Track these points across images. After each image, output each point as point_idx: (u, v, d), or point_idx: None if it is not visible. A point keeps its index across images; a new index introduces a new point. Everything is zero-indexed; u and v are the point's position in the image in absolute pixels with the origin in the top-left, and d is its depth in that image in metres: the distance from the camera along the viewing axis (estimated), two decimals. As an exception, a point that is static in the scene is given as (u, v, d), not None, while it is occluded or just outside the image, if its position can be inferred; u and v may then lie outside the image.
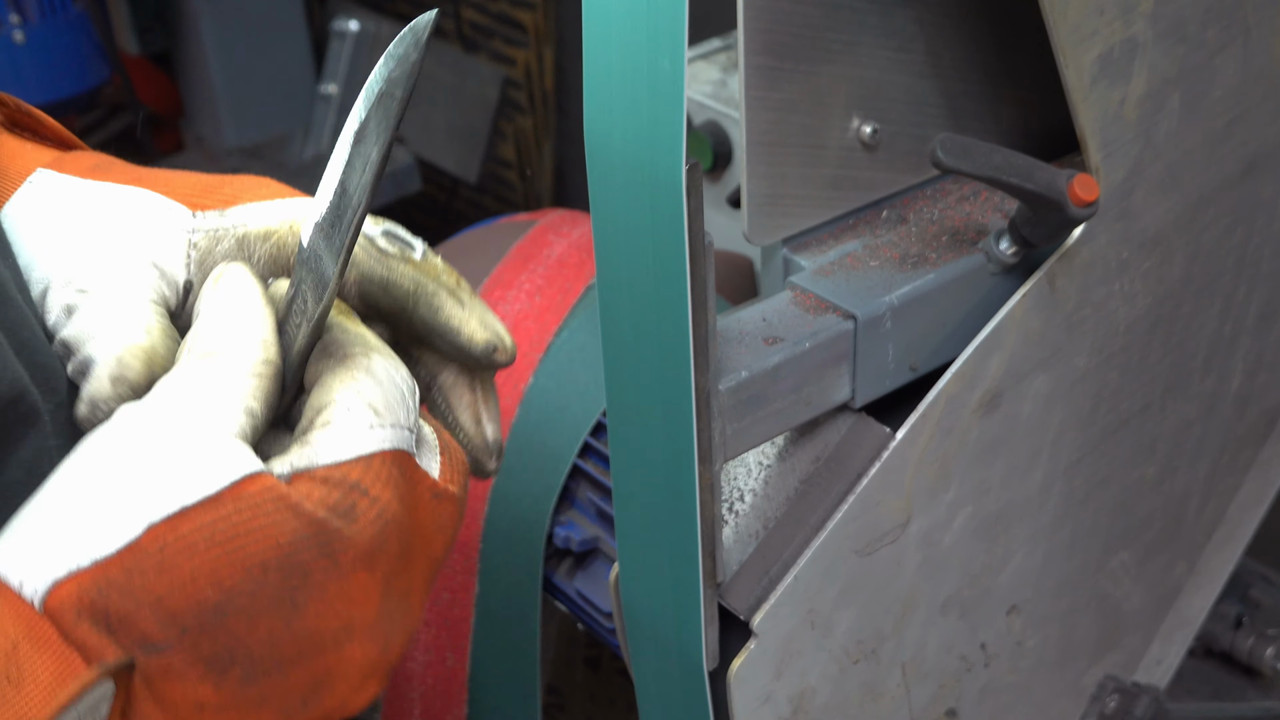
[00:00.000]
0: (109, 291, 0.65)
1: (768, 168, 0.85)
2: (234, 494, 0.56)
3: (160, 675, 0.56)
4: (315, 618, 0.58)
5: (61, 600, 0.55)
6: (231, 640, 0.57)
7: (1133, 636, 1.16)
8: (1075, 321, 0.91)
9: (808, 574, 0.83)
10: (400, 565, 0.61)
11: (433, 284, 0.68)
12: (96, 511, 0.56)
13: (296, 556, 0.57)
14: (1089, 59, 0.83)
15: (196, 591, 0.55)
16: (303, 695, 0.60)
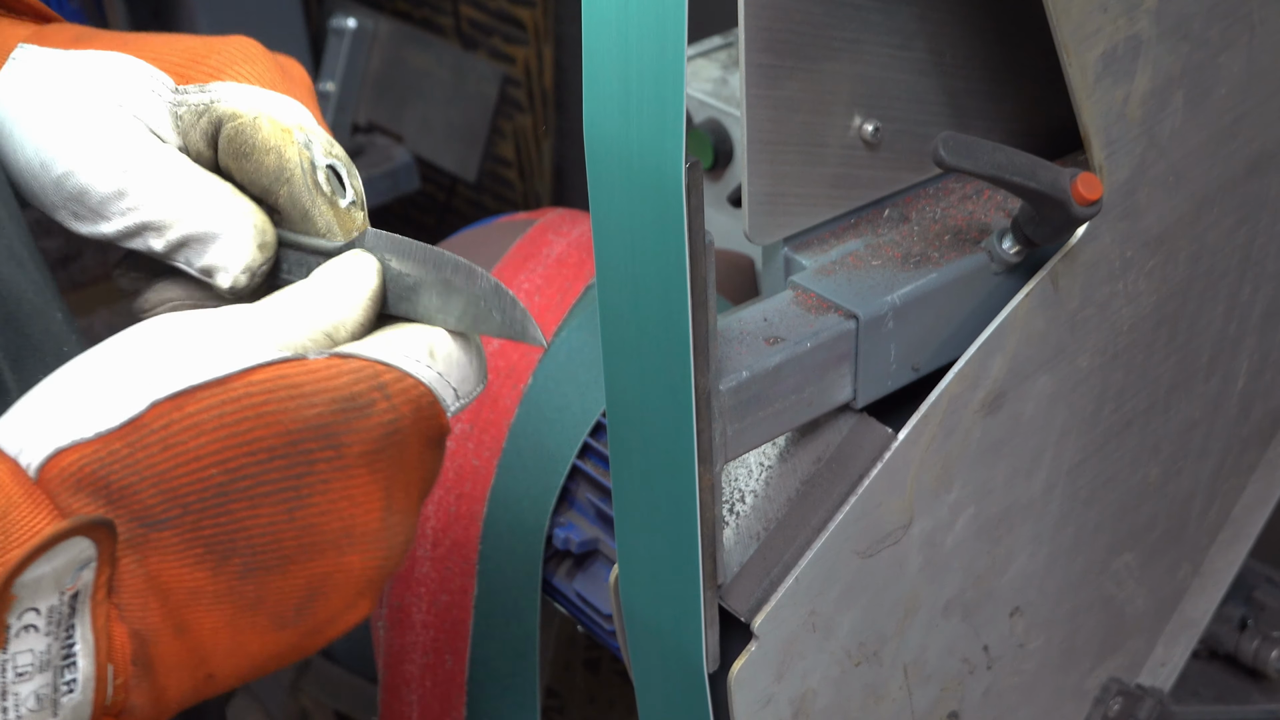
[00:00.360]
0: (157, 169, 0.69)
1: (769, 166, 0.85)
2: (244, 379, 0.58)
3: (155, 552, 0.57)
4: (318, 512, 0.60)
5: (61, 469, 0.56)
6: (233, 525, 0.58)
7: (1136, 639, 1.16)
8: (1078, 321, 0.91)
9: (809, 575, 0.83)
10: (401, 479, 0.62)
11: (341, 237, 0.70)
12: (102, 388, 0.57)
13: (303, 444, 0.58)
14: (1092, 56, 0.82)
15: (201, 470, 0.57)
16: (297, 601, 0.61)
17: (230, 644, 0.61)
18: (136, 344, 0.59)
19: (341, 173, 0.72)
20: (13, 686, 0.55)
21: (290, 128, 0.71)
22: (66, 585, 0.55)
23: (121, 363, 0.58)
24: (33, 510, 0.55)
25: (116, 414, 0.57)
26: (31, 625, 0.55)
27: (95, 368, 0.59)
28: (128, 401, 0.57)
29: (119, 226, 0.70)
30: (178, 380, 0.57)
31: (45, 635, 0.55)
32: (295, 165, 0.70)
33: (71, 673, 0.56)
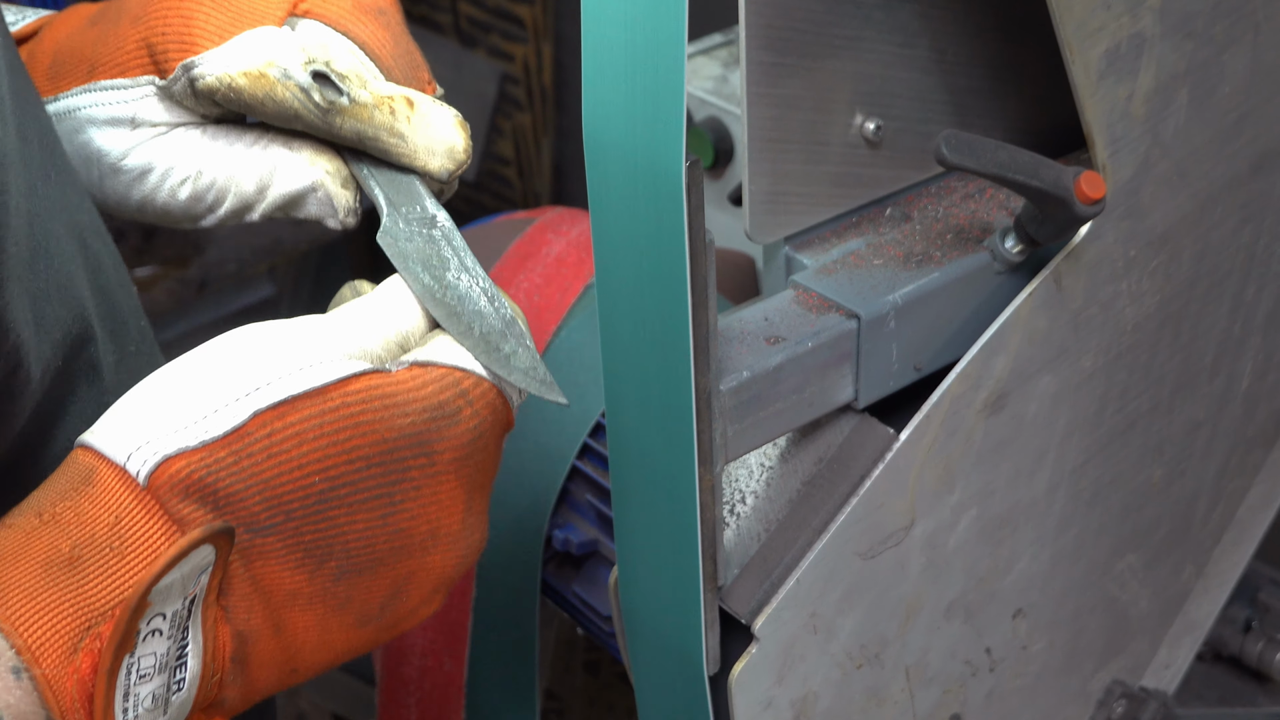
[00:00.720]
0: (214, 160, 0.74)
1: (770, 165, 0.85)
2: (340, 389, 0.60)
3: (260, 557, 0.59)
4: (408, 517, 0.63)
5: (170, 477, 0.58)
6: (332, 531, 0.60)
7: (1140, 641, 1.16)
8: (1082, 321, 0.91)
9: (810, 577, 0.83)
10: (479, 480, 0.66)
11: (370, 129, 0.73)
12: (203, 396, 0.59)
13: (398, 453, 0.61)
14: (1096, 54, 0.82)
15: (304, 478, 0.59)
16: (382, 600, 0.64)
17: (318, 641, 0.63)
18: (228, 352, 0.61)
19: (328, 72, 0.73)
20: (134, 688, 0.56)
21: (262, 70, 0.72)
22: (189, 590, 0.57)
23: (216, 371, 0.60)
24: (146, 518, 0.57)
25: (220, 422, 0.58)
26: (157, 630, 0.57)
27: (190, 375, 0.61)
28: (230, 410, 0.59)
29: (216, 219, 0.75)
30: (278, 390, 0.59)
31: (167, 638, 0.57)
32: (291, 101, 0.72)
33: (181, 672, 0.59)
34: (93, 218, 0.72)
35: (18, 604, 0.55)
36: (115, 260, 0.73)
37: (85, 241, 0.70)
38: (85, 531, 0.57)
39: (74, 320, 0.66)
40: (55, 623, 0.55)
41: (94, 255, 0.70)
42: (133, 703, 0.57)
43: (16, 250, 0.60)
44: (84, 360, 0.67)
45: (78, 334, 0.66)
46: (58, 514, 0.57)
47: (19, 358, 0.61)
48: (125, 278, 0.74)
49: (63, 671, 0.55)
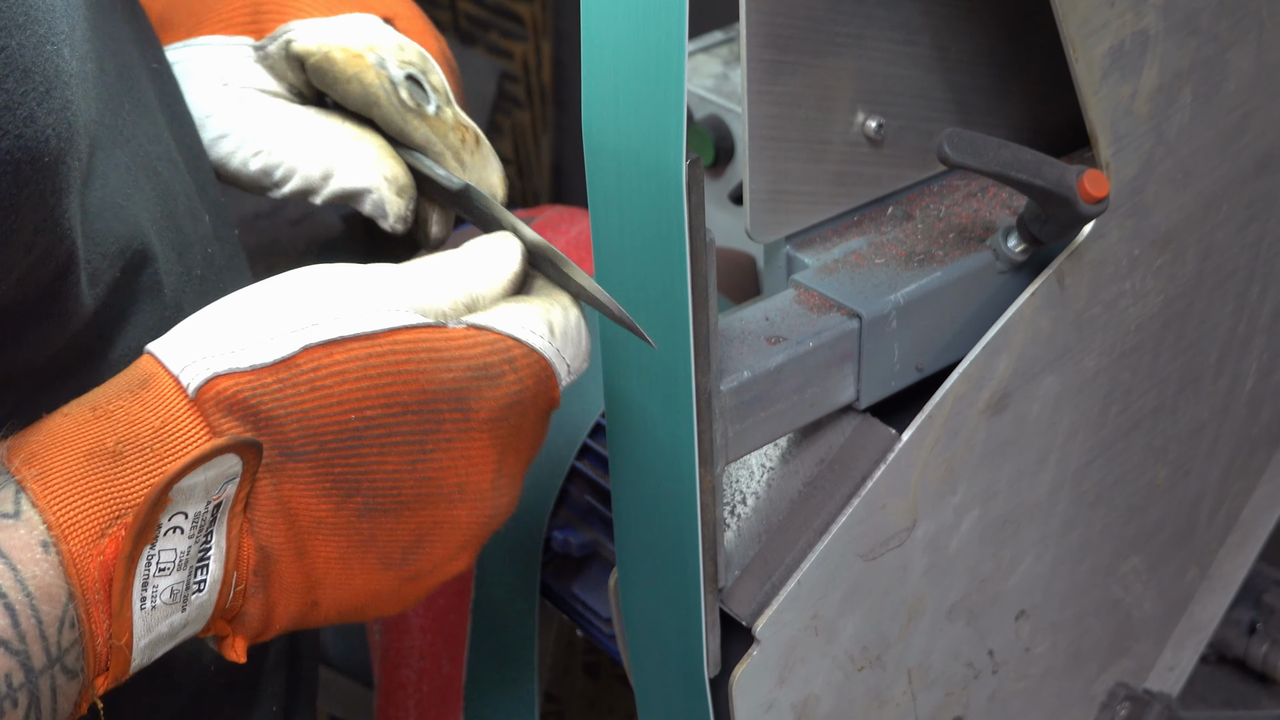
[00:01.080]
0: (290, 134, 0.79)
1: (770, 163, 0.85)
2: (390, 337, 0.64)
3: (289, 480, 0.63)
4: (437, 467, 0.66)
5: (217, 393, 0.62)
6: (361, 467, 0.64)
7: (1144, 643, 1.16)
8: (1085, 320, 0.91)
9: (811, 579, 0.83)
10: (514, 445, 0.69)
11: (439, 145, 0.79)
12: (261, 324, 0.63)
13: (435, 404, 0.65)
14: (1099, 52, 0.82)
15: (340, 414, 0.63)
16: (405, 545, 0.67)
17: (339, 575, 0.66)
18: (296, 287, 0.66)
19: (420, 79, 0.80)
20: (154, 579, 0.60)
21: (361, 52, 0.78)
22: (213, 495, 0.61)
23: (280, 303, 0.64)
24: (188, 426, 0.61)
25: (272, 351, 0.62)
26: (178, 527, 0.61)
27: (256, 304, 0.65)
28: (283, 341, 0.63)
29: (281, 194, 0.80)
30: (330, 329, 0.63)
31: (188, 538, 0.61)
32: (377, 88, 0.78)
33: (203, 574, 0.62)
34: (171, 149, 0.76)
35: (57, 485, 0.59)
36: (191, 191, 0.77)
37: (156, 170, 0.73)
38: (131, 430, 0.61)
39: (130, 238, 0.69)
40: (88, 507, 0.59)
41: (165, 184, 0.74)
42: (151, 592, 0.61)
43: (78, 166, 0.63)
44: (145, 278, 0.70)
45: (135, 251, 0.69)
46: (111, 410, 0.61)
47: (70, 263, 0.64)
48: (198, 207, 0.77)
49: (88, 552, 0.58)
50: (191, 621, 0.63)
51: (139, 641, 0.61)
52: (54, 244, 0.62)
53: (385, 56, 0.79)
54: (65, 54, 0.62)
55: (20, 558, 0.58)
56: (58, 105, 0.60)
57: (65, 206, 0.62)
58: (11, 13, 0.58)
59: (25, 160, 0.58)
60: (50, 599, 0.58)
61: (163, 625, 0.62)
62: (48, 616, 0.58)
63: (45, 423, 0.61)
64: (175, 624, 0.62)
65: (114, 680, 0.61)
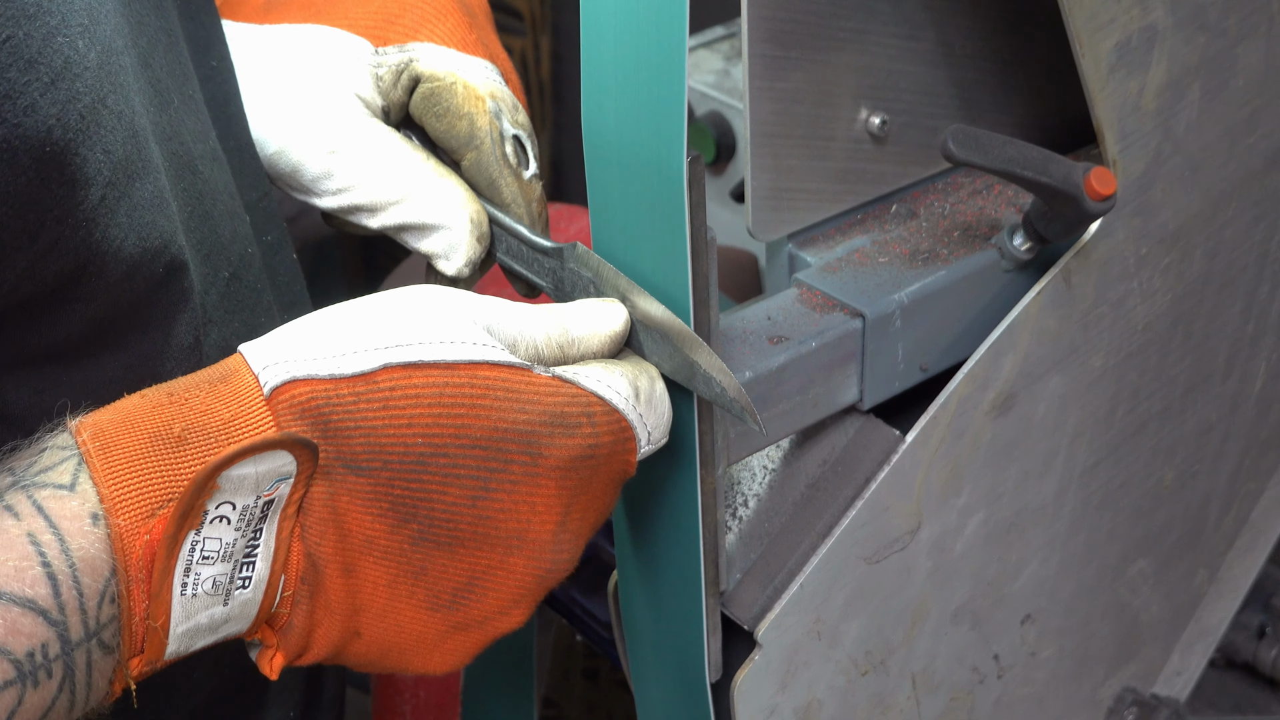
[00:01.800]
0: (365, 151, 0.79)
1: (772, 160, 0.85)
2: (471, 369, 0.65)
3: (347, 494, 0.64)
4: (498, 508, 0.66)
5: (291, 396, 0.63)
6: (421, 493, 0.65)
7: (1151, 647, 1.16)
8: (1092, 320, 0.91)
9: (814, 582, 0.83)
10: (581, 501, 0.69)
11: (521, 207, 0.81)
12: (348, 337, 0.65)
13: (504, 444, 0.65)
14: (1106, 47, 0.83)
15: (409, 436, 0.64)
16: (455, 586, 0.67)
17: (385, 604, 0.67)
18: (391, 307, 0.66)
19: (526, 143, 0.81)
20: (196, 566, 0.61)
21: (484, 95, 0.80)
22: (264, 491, 0.62)
23: (371, 320, 0.66)
24: (260, 422, 0.63)
25: (353, 364, 0.64)
26: (225, 517, 0.61)
27: (347, 317, 0.66)
28: (366, 356, 0.64)
29: (331, 204, 0.81)
30: (415, 352, 0.64)
31: (234, 529, 0.62)
32: (485, 135, 0.80)
33: (248, 570, 0.63)
34: (210, 147, 0.76)
35: (117, 462, 0.60)
36: (232, 190, 0.77)
37: (196, 169, 0.74)
38: (201, 420, 0.62)
39: (166, 236, 0.70)
40: (142, 486, 0.60)
41: (204, 182, 0.74)
42: (193, 579, 0.61)
43: (103, 159, 0.64)
44: (178, 284, 0.71)
45: (170, 258, 0.70)
46: (186, 398, 0.63)
47: (91, 255, 0.64)
48: (237, 207, 0.78)
49: (135, 529, 0.60)
50: (234, 618, 0.64)
51: (175, 627, 0.62)
52: (66, 234, 0.62)
53: (503, 109, 0.81)
54: (80, 46, 0.62)
55: (68, 528, 0.59)
56: (64, 96, 0.61)
57: (81, 199, 0.62)
58: (22, 3, 0.59)
59: (23, 149, 0.59)
60: (93, 572, 0.59)
61: (202, 616, 0.63)
62: (89, 589, 0.59)
63: (121, 402, 0.63)
64: (216, 617, 0.63)
65: (148, 663, 0.62)
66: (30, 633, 0.57)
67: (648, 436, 0.70)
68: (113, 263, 0.66)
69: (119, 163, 0.65)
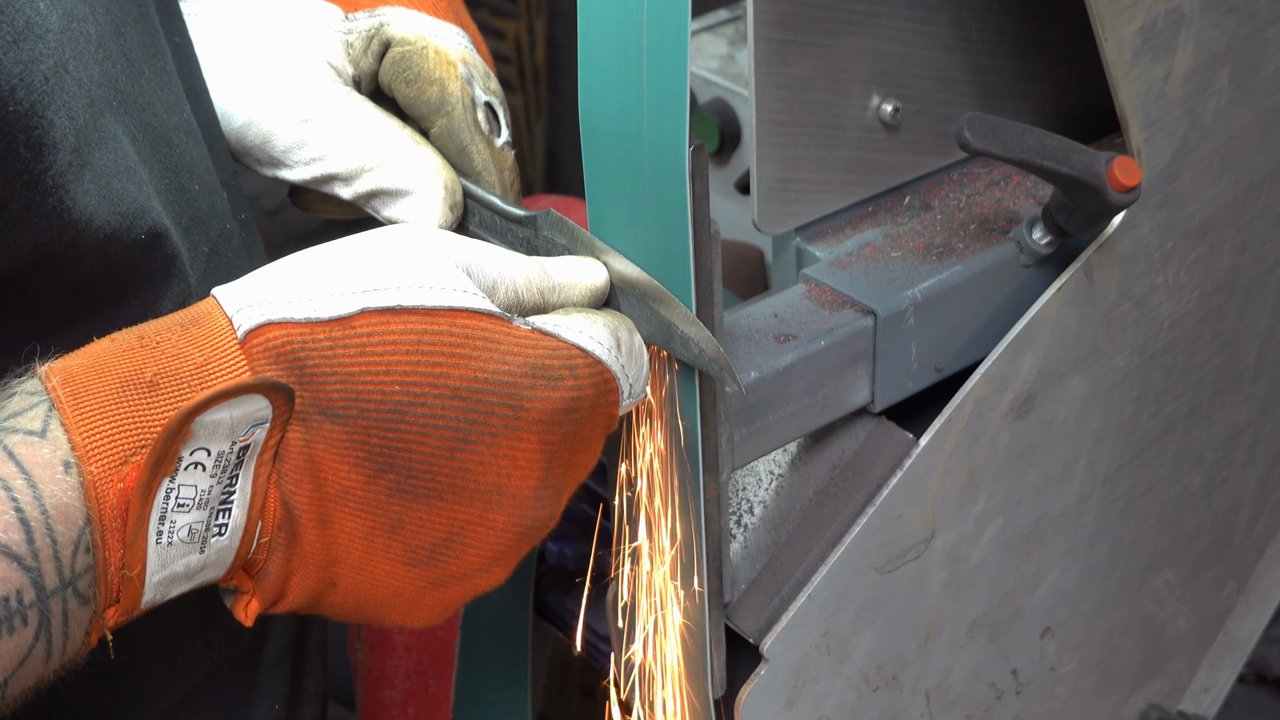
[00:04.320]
0: (338, 118, 0.80)
1: (779, 150, 0.85)
2: (450, 316, 0.66)
3: (323, 441, 0.65)
4: (477, 460, 0.67)
5: (266, 340, 0.64)
6: (398, 443, 0.66)
7: (1178, 662, 1.16)
8: (1115, 318, 0.91)
9: (823, 593, 0.83)
10: (563, 455, 0.70)
11: (494, 175, 0.82)
12: (326, 280, 0.65)
13: (485, 395, 0.66)
14: (1130, 31, 0.83)
15: (387, 384, 0.65)
16: (433, 541, 0.69)
17: (361, 556, 0.68)
18: (369, 249, 0.68)
19: (498, 111, 0.83)
20: (172, 514, 0.63)
21: (455, 61, 0.81)
22: (239, 437, 0.63)
23: (349, 262, 0.67)
24: (233, 366, 0.64)
25: (330, 307, 0.65)
26: (199, 464, 0.62)
27: (325, 260, 0.67)
28: (344, 300, 0.65)
29: (303, 175, 0.81)
30: (393, 297, 0.65)
31: (210, 476, 0.63)
32: (457, 100, 0.81)
33: (225, 517, 0.65)
34: (184, 120, 0.77)
35: (88, 407, 0.61)
36: (209, 165, 0.78)
37: (171, 141, 0.75)
38: (172, 364, 0.63)
39: (141, 206, 0.71)
40: (114, 433, 0.61)
41: (179, 155, 0.75)
42: (168, 527, 0.63)
43: (68, 124, 0.65)
44: (160, 254, 0.72)
45: (149, 227, 0.71)
46: (158, 342, 0.64)
47: (65, 222, 0.66)
48: (214, 182, 0.79)
49: (109, 477, 0.61)
50: (210, 565, 0.65)
51: (152, 576, 0.63)
52: (36, 201, 0.63)
53: (475, 75, 0.82)
54: (41, 8, 0.63)
55: (41, 476, 0.60)
56: (26, 57, 0.62)
57: (49, 163, 0.63)
58: None
59: None
60: (67, 520, 0.60)
61: (178, 564, 0.64)
62: (63, 537, 0.60)
63: (90, 347, 0.64)
64: (192, 565, 0.64)
65: (124, 613, 0.63)
66: (4, 578, 0.58)
67: (629, 389, 0.71)
68: (85, 231, 0.67)
69: (81, 129, 0.66)
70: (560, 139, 2.15)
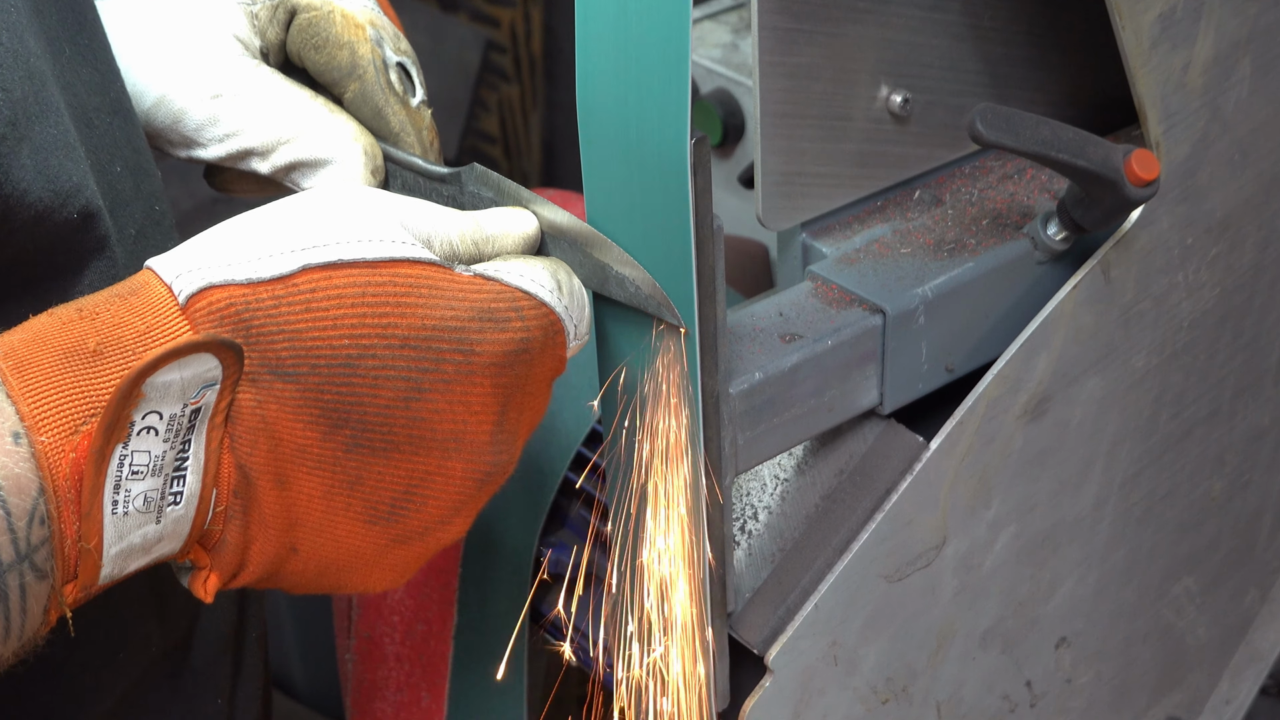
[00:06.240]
0: (249, 92, 0.81)
1: (785, 142, 0.85)
2: (392, 268, 0.67)
3: (275, 401, 0.66)
4: (432, 409, 0.69)
5: (209, 303, 0.65)
6: (352, 398, 0.67)
7: (1198, 673, 1.16)
8: (1133, 316, 0.91)
9: (830, 603, 0.83)
10: (517, 398, 0.72)
11: (412, 137, 0.84)
12: (263, 241, 0.67)
13: (435, 341, 0.68)
14: (1149, 19, 0.83)
15: (335, 338, 0.66)
16: (393, 496, 0.70)
17: (321, 517, 0.69)
18: (309, 207, 0.69)
19: (411, 71, 0.84)
20: (126, 482, 0.63)
21: (363, 24, 0.83)
22: (190, 398, 0.64)
23: (289, 221, 0.68)
24: (177, 330, 0.65)
25: (270, 267, 0.66)
26: (152, 428, 0.63)
27: (262, 222, 0.68)
28: (284, 259, 0.66)
29: (218, 152, 0.83)
30: (333, 252, 0.67)
31: (163, 441, 0.64)
32: (368, 63, 0.83)
33: (179, 485, 0.65)
34: (109, 100, 0.78)
35: (33, 378, 0.62)
36: (134, 147, 0.79)
37: (92, 121, 0.76)
38: (115, 333, 0.64)
39: (74, 185, 0.72)
40: (62, 402, 0.62)
41: (101, 135, 0.76)
42: (123, 496, 0.64)
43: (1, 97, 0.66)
44: (93, 233, 0.73)
45: (81, 206, 0.72)
46: (97, 313, 0.65)
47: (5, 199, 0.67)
48: (139, 163, 0.80)
49: (60, 446, 0.62)
50: (167, 536, 0.66)
51: (109, 548, 0.63)
52: None
53: (384, 36, 0.83)
54: None
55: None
56: None
57: None
58: None
59: None
60: (20, 491, 0.61)
61: (135, 535, 0.64)
62: (16, 509, 0.60)
63: (29, 322, 0.64)
64: (149, 536, 0.65)
65: (83, 589, 0.64)
66: None
67: (574, 330, 0.73)
68: (18, 207, 0.68)
69: (18, 102, 0.67)
70: (557, 131, 2.15)
